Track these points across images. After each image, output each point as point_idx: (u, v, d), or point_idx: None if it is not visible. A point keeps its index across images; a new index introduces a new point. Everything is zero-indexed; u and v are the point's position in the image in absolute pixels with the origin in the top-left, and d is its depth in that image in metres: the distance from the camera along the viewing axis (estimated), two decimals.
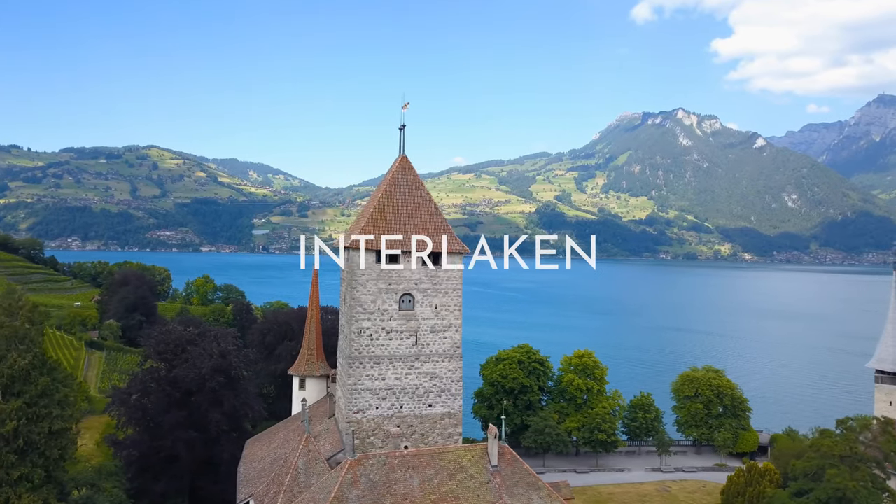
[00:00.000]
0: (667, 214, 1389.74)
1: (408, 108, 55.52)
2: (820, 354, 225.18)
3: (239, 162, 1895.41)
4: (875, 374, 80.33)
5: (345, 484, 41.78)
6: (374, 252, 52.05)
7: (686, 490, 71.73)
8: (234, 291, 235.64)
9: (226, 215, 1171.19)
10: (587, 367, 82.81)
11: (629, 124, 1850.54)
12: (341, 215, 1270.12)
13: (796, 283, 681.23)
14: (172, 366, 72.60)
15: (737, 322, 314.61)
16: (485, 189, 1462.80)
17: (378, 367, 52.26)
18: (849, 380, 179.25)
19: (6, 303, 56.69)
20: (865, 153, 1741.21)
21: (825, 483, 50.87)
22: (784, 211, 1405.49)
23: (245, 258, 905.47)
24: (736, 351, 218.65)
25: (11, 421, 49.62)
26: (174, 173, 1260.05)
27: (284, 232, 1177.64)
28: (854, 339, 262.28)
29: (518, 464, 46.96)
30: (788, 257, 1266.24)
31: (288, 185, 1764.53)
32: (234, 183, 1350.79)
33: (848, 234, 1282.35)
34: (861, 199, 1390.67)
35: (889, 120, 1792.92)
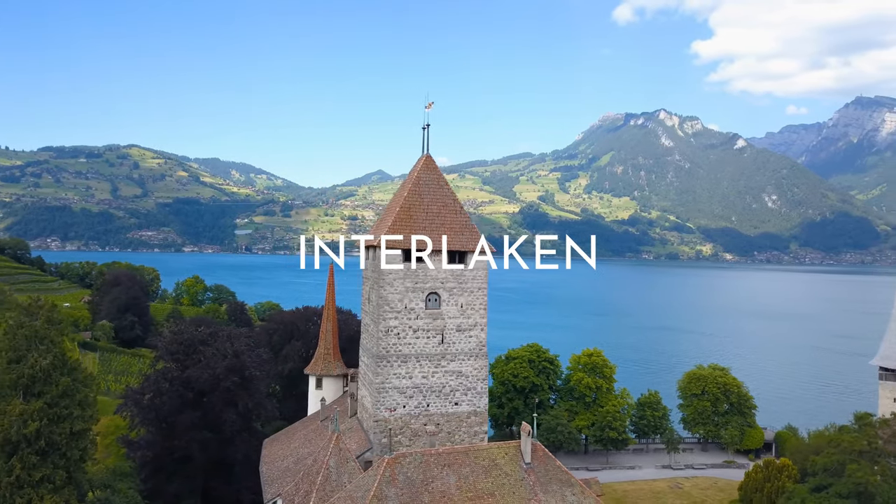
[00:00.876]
0: (649, 215, 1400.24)
1: (431, 108, 55.71)
2: (812, 353, 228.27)
3: (221, 161, 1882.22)
4: (879, 371, 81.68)
5: (383, 482, 41.86)
6: (400, 251, 52.16)
7: (699, 487, 72.52)
8: (225, 292, 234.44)
9: (208, 215, 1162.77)
10: (596, 365, 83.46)
11: (612, 125, 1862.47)
12: (325, 215, 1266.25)
13: (779, 283, 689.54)
14: (185, 366, 72.12)
15: (726, 321, 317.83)
16: (469, 189, 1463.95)
17: (405, 366, 52.37)
18: (843, 377, 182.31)
19: (26, 303, 56.30)
20: (843, 154, 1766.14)
21: (846, 478, 51.72)
22: (764, 211, 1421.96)
23: (228, 258, 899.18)
24: (728, 350, 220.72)
25: (34, 422, 49.20)
26: (155, 173, 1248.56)
27: (268, 232, 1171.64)
28: (844, 338, 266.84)
29: (550, 461, 47.29)
30: (769, 257, 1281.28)
31: (271, 184, 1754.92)
32: (216, 183, 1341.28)
33: (827, 234, 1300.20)
34: (839, 199, 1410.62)
35: (866, 122, 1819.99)
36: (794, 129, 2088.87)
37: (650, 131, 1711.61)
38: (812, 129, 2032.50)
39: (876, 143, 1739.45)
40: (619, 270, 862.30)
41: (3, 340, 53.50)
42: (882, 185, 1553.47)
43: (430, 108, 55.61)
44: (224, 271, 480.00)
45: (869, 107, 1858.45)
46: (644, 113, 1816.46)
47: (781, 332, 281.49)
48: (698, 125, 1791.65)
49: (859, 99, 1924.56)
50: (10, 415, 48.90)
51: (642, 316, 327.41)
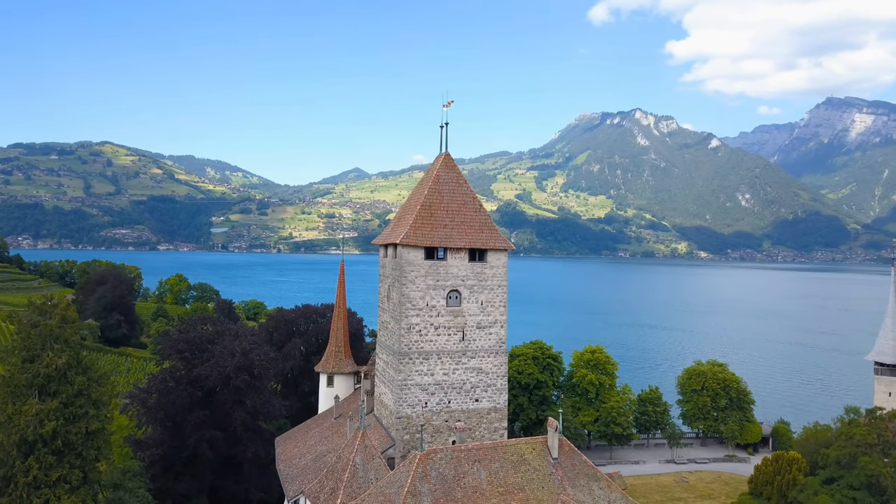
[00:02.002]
0: (625, 213, 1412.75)
1: (451, 106, 55.96)
2: (795, 349, 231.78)
3: (196, 159, 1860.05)
4: (874, 366, 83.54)
5: (416, 478, 42.12)
6: (422, 249, 52.41)
7: (704, 481, 73.68)
8: (209, 290, 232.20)
9: (183, 213, 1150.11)
10: (599, 361, 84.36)
11: (588, 124, 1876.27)
12: (302, 213, 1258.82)
13: (755, 281, 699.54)
14: (193, 365, 71.62)
15: (708, 319, 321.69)
16: None
17: (427, 363, 52.64)
18: (826, 372, 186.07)
19: (39, 301, 55.66)
20: (815, 154, 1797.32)
21: (858, 470, 53.02)
22: (738, 210, 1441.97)
23: (205, 256, 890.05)
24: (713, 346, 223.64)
25: (50, 421, 48.72)
26: (129, 170, 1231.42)
27: (244, 230, 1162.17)
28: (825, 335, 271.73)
29: (577, 456, 47.88)
30: (742, 255, 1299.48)
31: (247, 182, 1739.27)
32: (191, 180, 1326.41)
33: (798, 232, 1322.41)
34: (811, 198, 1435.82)
35: (836, 122, 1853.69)
36: (767, 129, 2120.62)
37: (626, 130, 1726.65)
38: (784, 129, 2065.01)
39: (846, 144, 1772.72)
40: (596, 268, 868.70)
41: (17, 340, 52.87)
42: (852, 185, 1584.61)
43: (449, 106, 55.87)
44: (204, 270, 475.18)
45: (839, 107, 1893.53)
46: (620, 112, 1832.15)
47: (763, 329, 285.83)
48: (673, 125, 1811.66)
49: (830, 100, 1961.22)
50: (27, 414, 48.40)
51: (624, 314, 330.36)
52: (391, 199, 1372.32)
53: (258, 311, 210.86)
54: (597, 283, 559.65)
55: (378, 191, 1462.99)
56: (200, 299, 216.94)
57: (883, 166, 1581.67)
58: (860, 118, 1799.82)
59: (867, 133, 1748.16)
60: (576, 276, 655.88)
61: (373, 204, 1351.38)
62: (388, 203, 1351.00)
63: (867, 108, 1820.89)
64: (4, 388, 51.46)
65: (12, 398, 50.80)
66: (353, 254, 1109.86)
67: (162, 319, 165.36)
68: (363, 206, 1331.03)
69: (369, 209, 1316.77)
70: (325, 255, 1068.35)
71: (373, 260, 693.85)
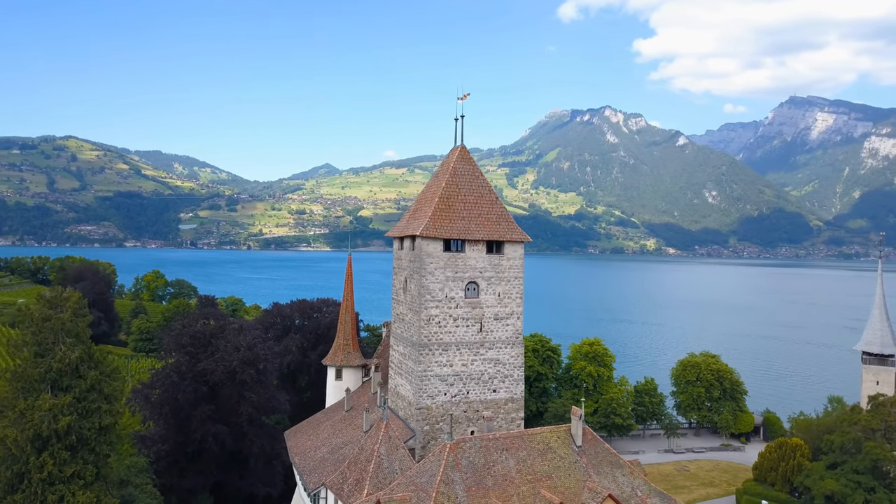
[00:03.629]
0: (595, 210, 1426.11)
1: (466, 99, 56.35)
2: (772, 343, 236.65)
3: (163, 154, 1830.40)
4: (862, 356, 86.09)
5: (448, 466, 42.54)
6: (440, 241, 52.72)
7: (704, 469, 75.35)
8: (187, 287, 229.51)
9: (151, 209, 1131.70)
10: (597, 354, 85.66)
11: (558, 121, 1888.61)
12: (272, 209, 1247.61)
13: (724, 277, 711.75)
14: (197, 359, 71.05)
15: (681, 313, 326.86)
16: (419, 184, 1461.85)
17: (446, 354, 53.01)
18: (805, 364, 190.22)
19: (50, 294, 54.85)
20: (779, 152, 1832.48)
21: (863, 455, 54.81)
22: (705, 207, 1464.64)
23: (173, 253, 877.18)
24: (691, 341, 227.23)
25: (66, 416, 48.10)
26: (94, 165, 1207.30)
27: (213, 227, 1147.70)
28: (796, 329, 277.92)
29: (599, 444, 48.72)
30: (709, 251, 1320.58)
31: (215, 178, 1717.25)
32: (158, 176, 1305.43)
33: (763, 228, 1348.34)
34: (775, 195, 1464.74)
35: (800, 121, 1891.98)
36: (733, 128, 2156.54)
37: (596, 128, 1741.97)
38: (749, 127, 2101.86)
39: (808, 142, 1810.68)
40: (568, 265, 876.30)
41: (28, 334, 52.01)
42: (814, 182, 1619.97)
43: (465, 98, 56.26)
44: (175, 267, 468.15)
45: (802, 106, 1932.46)
46: (590, 110, 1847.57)
47: (737, 323, 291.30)
48: (642, 122, 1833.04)
49: (793, 99, 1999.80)
50: (41, 409, 47.74)
51: (605, 309, 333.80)
52: (363, 196, 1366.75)
53: (237, 308, 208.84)
54: (571, 280, 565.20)
55: (349, 187, 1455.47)
56: (178, 296, 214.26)
57: (843, 164, 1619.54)
58: (822, 117, 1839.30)
59: (829, 132, 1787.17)
60: (550, 273, 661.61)
61: (344, 200, 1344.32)
62: (359, 199, 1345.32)
63: (829, 107, 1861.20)
64: (15, 382, 50.64)
65: (23, 393, 50.04)
66: (323, 251, 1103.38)
67: (143, 316, 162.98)
68: (334, 203, 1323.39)
69: (340, 206, 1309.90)
70: (295, 252, 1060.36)
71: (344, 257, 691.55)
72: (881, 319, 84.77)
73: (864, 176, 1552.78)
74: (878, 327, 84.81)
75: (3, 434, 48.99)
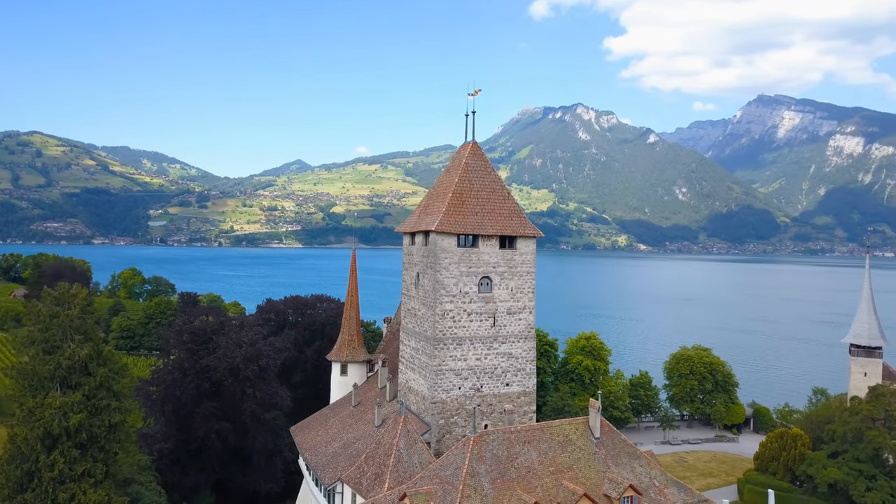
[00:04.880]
0: (567, 207, 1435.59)
1: (478, 94, 56.61)
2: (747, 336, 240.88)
3: (131, 150, 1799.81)
4: (850, 348, 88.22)
5: (473, 459, 42.85)
6: (455, 236, 52.95)
7: (701, 460, 76.71)
8: (164, 284, 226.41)
9: (119, 206, 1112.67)
10: (594, 348, 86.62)
11: (531, 118, 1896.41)
12: (243, 206, 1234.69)
13: (696, 273, 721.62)
14: (199, 356, 70.41)
15: (655, 308, 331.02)
16: (391, 181, 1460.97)
17: (460, 348, 53.28)
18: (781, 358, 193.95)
19: (57, 291, 54.07)
20: (747, 150, 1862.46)
21: (865, 443, 56.34)
22: (675, 203, 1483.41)
23: (143, 251, 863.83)
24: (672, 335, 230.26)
25: (76, 414, 47.50)
26: (60, 161, 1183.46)
27: (183, 223, 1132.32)
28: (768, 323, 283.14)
29: (616, 435, 49.45)
30: (680, 247, 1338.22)
31: (185, 174, 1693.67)
32: (126, 172, 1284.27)
33: (732, 225, 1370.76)
34: (743, 192, 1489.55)
35: (767, 119, 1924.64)
36: (702, 125, 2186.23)
37: (568, 125, 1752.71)
38: (718, 125, 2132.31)
39: (775, 140, 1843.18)
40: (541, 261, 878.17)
41: (35, 331, 51.20)
42: (781, 179, 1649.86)
43: (476, 94, 56.51)
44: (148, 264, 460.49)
45: (769, 105, 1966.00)
46: (562, 107, 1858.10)
47: (714, 317, 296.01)
48: (613, 119, 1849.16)
49: (761, 97, 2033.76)
50: (51, 407, 47.10)
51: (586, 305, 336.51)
52: (335, 192, 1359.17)
53: (217, 306, 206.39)
54: (549, 276, 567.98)
55: (321, 183, 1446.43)
56: (156, 293, 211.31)
57: (809, 162, 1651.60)
58: (789, 115, 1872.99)
59: (795, 130, 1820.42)
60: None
61: (316, 196, 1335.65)
62: (331, 196, 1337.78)
63: (795, 105, 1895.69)
64: (23, 380, 49.88)
65: (31, 390, 49.27)
66: (295, 247, 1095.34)
67: (123, 314, 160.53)
68: (306, 199, 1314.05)
69: (312, 202, 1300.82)
70: (267, 249, 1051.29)
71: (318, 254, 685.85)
72: (868, 313, 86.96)
73: (829, 173, 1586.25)
74: (865, 320, 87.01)
75: (12, 432, 48.26)
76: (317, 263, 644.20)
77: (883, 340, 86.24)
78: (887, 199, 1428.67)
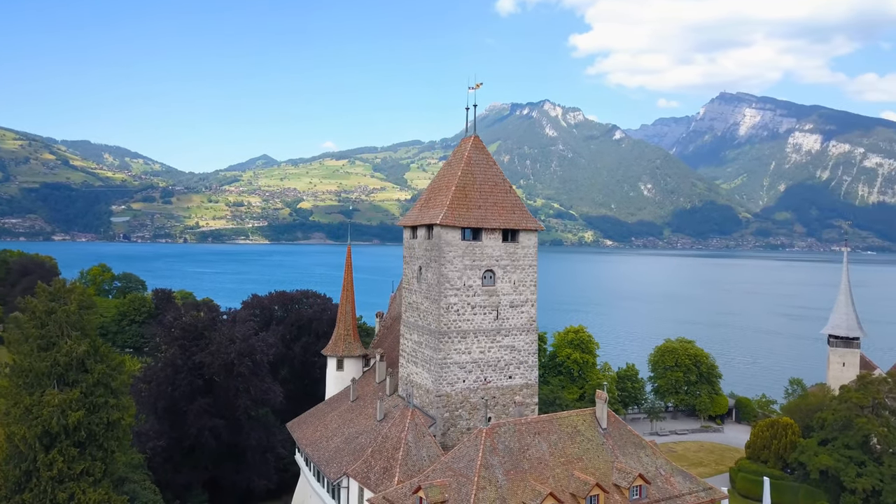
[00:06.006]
0: (534, 203, 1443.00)
1: (479, 88, 56.77)
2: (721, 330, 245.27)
3: (92, 144, 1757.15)
4: (829, 339, 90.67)
5: (486, 451, 43.12)
6: (459, 229, 53.06)
7: (690, 450, 78.11)
8: (135, 281, 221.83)
9: (80, 201, 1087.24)
10: (582, 341, 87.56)
11: (498, 115, 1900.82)
12: (208, 202, 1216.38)
13: (660, 267, 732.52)
14: (191, 352, 69.42)
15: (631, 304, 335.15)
16: (359, 176, 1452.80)
17: (465, 342, 53.45)
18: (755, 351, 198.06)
19: (52, 287, 52.94)
20: (710, 146, 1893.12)
21: (855, 430, 58.02)
22: (640, 199, 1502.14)
23: (106, 247, 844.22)
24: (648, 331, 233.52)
25: (75, 412, 46.65)
26: (18, 155, 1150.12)
27: (147, 219, 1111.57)
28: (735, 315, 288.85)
29: (622, 426, 50.18)
30: (645, 243, 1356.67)
31: (148, 169, 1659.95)
32: (88, 167, 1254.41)
33: (696, 220, 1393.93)
34: (707, 188, 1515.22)
35: (729, 116, 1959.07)
36: (666, 122, 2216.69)
37: (535, 121, 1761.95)
38: (682, 122, 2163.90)
39: (737, 137, 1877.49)
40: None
41: (29, 327, 50.05)
42: (743, 176, 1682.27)
43: (478, 87, 56.67)
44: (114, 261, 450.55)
45: (731, 102, 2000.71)
46: (529, 103, 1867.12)
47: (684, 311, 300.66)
48: (580, 116, 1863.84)
49: (723, 95, 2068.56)
50: (49, 405, 46.17)
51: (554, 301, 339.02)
52: (302, 187, 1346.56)
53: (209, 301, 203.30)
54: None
55: (288, 178, 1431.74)
56: (126, 290, 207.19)
57: (770, 158, 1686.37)
58: (750, 113, 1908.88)
59: (756, 127, 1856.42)
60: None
61: (283, 192, 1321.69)
62: (298, 191, 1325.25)
63: (756, 103, 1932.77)
64: (18, 378, 48.75)
65: (28, 388, 48.20)
66: (262, 244, 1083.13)
67: (96, 311, 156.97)
68: (273, 195, 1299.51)
69: (279, 197, 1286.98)
70: (234, 245, 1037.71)
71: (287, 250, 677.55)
72: (847, 305, 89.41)
73: (788, 170, 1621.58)
74: (843, 312, 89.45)
75: (10, 431, 47.10)
76: (286, 260, 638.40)
77: (861, 331, 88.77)
78: (844, 196, 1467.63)
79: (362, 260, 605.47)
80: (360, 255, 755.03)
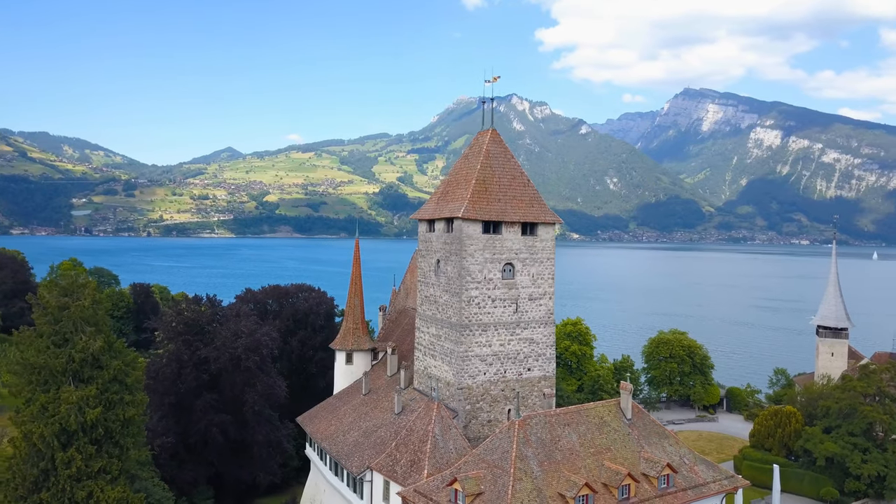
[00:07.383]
0: None
1: (496, 81, 56.85)
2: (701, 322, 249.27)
3: (51, 136, 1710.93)
4: (818, 329, 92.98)
5: (520, 443, 43.36)
6: (479, 223, 53.10)
7: (689, 440, 79.19)
8: (107, 275, 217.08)
9: (39, 194, 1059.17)
10: (580, 333, 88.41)
11: (466, 108, 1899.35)
12: (172, 195, 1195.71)
13: (625, 261, 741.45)
14: (195, 347, 68.38)
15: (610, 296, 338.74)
16: (326, 169, 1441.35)
17: (485, 335, 53.57)
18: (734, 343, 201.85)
19: (64, 282, 51.79)
20: (674, 141, 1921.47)
21: (859, 418, 59.67)
22: (606, 193, 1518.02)
23: (67, 241, 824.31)
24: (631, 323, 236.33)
25: (93, 409, 45.84)
26: None
27: (109, 212, 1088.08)
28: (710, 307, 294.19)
29: (645, 416, 50.88)
30: (611, 236, 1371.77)
31: (109, 161, 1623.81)
32: (46, 159, 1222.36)
33: (660, 214, 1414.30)
34: (671, 183, 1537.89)
35: (693, 112, 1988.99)
36: (631, 117, 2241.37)
37: (503, 115, 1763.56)
38: (647, 116, 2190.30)
39: (700, 132, 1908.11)
40: None
41: (43, 323, 48.88)
42: (706, 170, 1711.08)
43: (495, 80, 56.84)
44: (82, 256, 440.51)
45: (695, 98, 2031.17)
46: (497, 97, 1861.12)
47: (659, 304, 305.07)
48: (547, 110, 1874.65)
49: (687, 90, 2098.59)
50: (66, 402, 45.29)
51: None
52: (268, 180, 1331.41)
53: (164, 297, 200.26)
54: None
55: (253, 171, 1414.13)
56: (99, 285, 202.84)
57: (732, 153, 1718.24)
58: (713, 108, 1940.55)
59: (719, 122, 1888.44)
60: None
61: (249, 185, 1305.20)
62: (264, 184, 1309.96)
63: (719, 99, 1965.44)
64: (32, 375, 47.61)
65: (42, 385, 47.15)
66: (227, 237, 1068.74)
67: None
68: (238, 188, 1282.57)
69: (245, 190, 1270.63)
70: (199, 239, 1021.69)
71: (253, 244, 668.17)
72: (835, 296, 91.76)
73: (750, 165, 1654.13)
74: (832, 303, 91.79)
75: (27, 429, 45.92)
76: (254, 254, 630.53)
77: (848, 322, 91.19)
78: (803, 190, 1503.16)
79: (333, 254, 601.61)
80: (329, 249, 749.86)
